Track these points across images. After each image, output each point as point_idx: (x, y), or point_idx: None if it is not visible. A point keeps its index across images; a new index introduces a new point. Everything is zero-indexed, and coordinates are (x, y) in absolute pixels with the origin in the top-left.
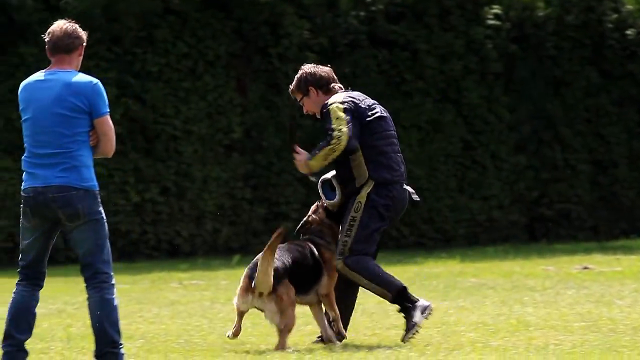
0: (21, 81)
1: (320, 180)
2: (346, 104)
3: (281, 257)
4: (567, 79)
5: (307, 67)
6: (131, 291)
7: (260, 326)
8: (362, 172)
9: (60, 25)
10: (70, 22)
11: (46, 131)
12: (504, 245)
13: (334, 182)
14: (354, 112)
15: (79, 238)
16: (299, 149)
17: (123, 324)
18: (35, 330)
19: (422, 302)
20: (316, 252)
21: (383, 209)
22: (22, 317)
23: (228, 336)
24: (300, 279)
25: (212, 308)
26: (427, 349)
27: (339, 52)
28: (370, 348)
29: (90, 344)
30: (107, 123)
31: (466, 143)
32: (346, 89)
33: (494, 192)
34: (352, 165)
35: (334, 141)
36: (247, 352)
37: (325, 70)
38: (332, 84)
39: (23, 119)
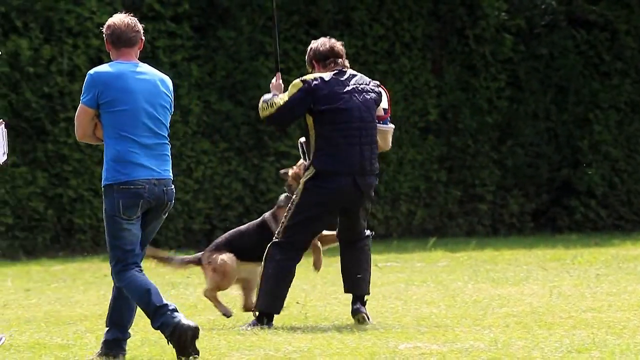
0: (220, 65)
1: (299, 141)
2: (306, 83)
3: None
4: None
5: (314, 42)
6: (327, 273)
7: (454, 308)
8: (311, 156)
9: (121, 18)
10: (129, 15)
11: (154, 123)
12: None
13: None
14: (308, 94)
15: (154, 229)
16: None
17: (318, 305)
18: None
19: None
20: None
21: (317, 197)
22: (157, 291)
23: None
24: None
25: (407, 290)
26: (624, 332)
27: (537, 33)
28: (567, 330)
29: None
30: None
31: None
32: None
33: None
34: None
35: (263, 105)
36: (443, 334)
37: (328, 46)
38: (330, 59)
39: (118, 108)
